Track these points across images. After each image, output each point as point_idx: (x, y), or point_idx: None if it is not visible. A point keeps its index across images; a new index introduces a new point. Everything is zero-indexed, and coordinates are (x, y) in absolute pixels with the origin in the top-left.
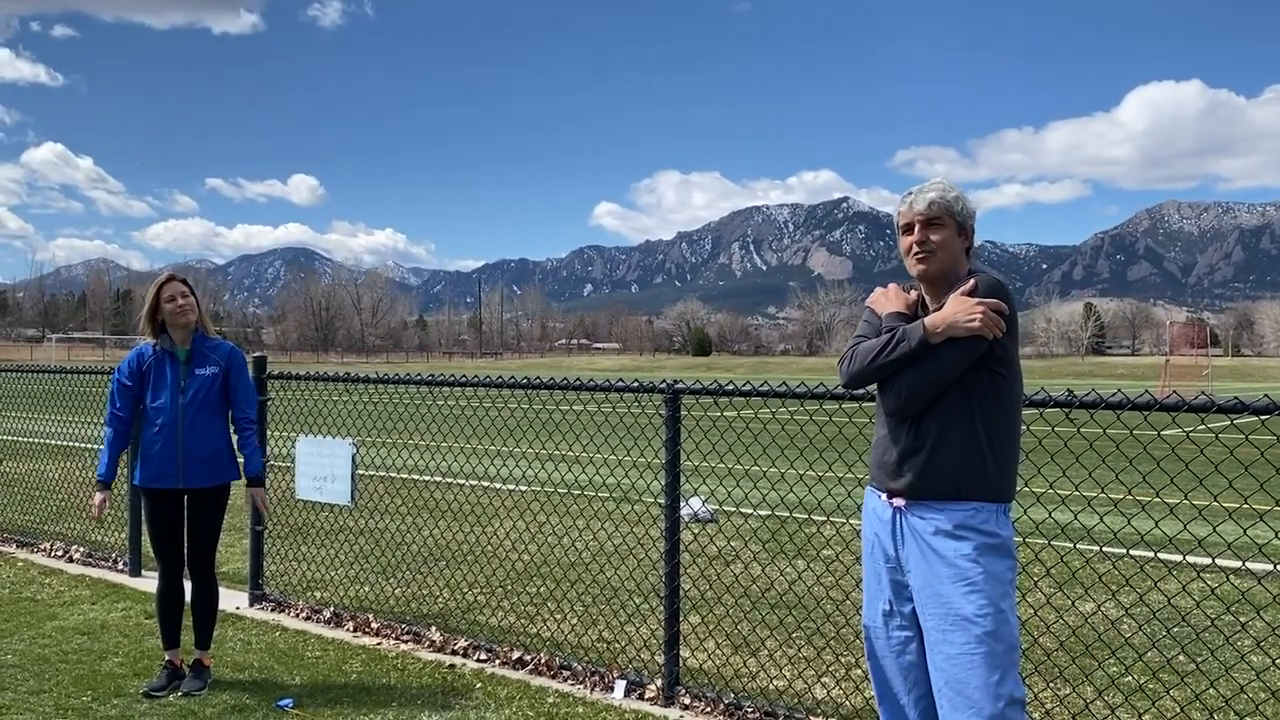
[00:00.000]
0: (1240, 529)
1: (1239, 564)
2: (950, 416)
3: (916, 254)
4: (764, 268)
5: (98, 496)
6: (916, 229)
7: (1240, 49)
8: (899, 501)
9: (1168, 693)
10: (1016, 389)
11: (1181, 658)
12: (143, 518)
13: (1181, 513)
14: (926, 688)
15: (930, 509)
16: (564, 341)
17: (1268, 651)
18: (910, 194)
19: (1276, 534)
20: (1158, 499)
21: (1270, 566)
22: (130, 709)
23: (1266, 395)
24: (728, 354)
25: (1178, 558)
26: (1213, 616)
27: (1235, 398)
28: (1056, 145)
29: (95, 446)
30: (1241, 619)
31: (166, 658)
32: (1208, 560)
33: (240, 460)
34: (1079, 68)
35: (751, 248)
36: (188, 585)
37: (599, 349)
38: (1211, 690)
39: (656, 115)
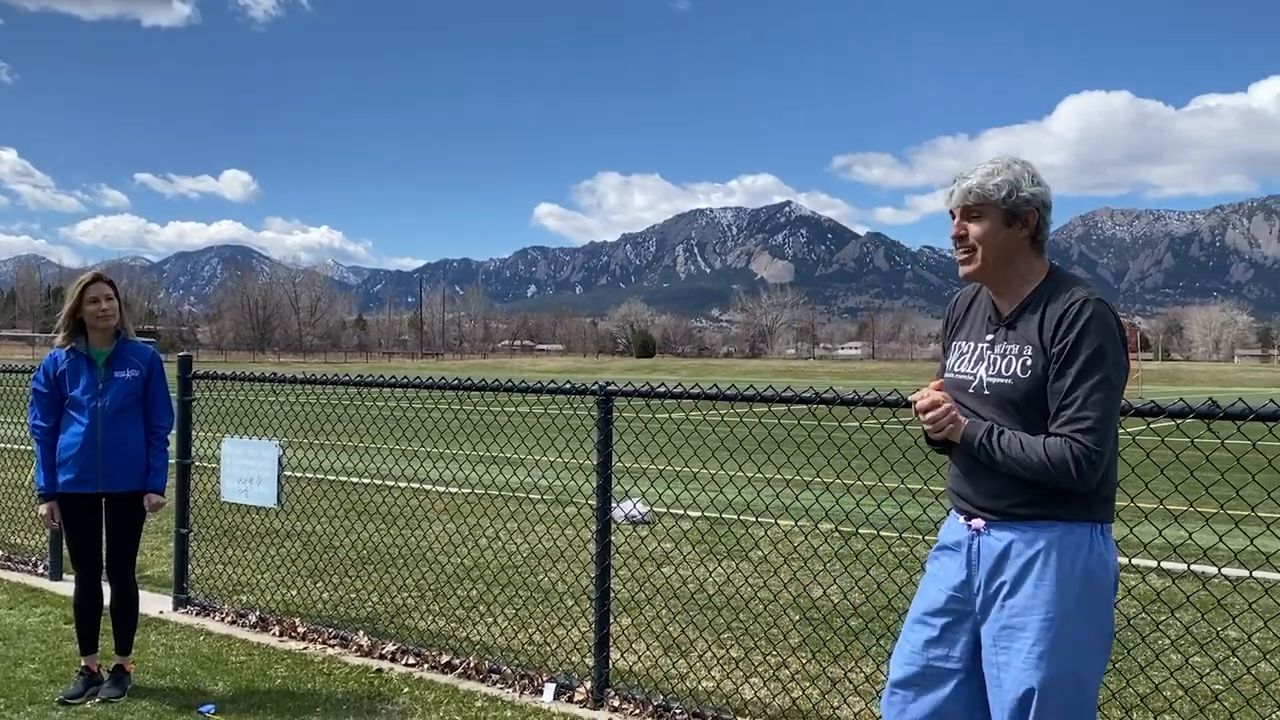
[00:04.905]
0: (1156, 530)
1: (1155, 564)
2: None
3: (958, 252)
4: (708, 270)
5: (43, 508)
6: (955, 221)
7: (1167, 62)
8: (978, 523)
9: None
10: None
11: None
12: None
13: None
14: None
15: (1012, 529)
16: (507, 343)
17: (1183, 650)
18: (955, 179)
19: (1190, 535)
20: None
21: (1184, 566)
22: (45, 717)
23: (1181, 399)
24: (671, 356)
25: None
26: (1130, 616)
27: (1152, 401)
28: (992, 152)
29: (17, 447)
30: (1158, 619)
31: (83, 663)
32: (1124, 560)
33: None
34: (1012, 78)
35: (695, 250)
36: (106, 589)
37: (542, 350)
38: (1129, 689)
39: (595, 116)
